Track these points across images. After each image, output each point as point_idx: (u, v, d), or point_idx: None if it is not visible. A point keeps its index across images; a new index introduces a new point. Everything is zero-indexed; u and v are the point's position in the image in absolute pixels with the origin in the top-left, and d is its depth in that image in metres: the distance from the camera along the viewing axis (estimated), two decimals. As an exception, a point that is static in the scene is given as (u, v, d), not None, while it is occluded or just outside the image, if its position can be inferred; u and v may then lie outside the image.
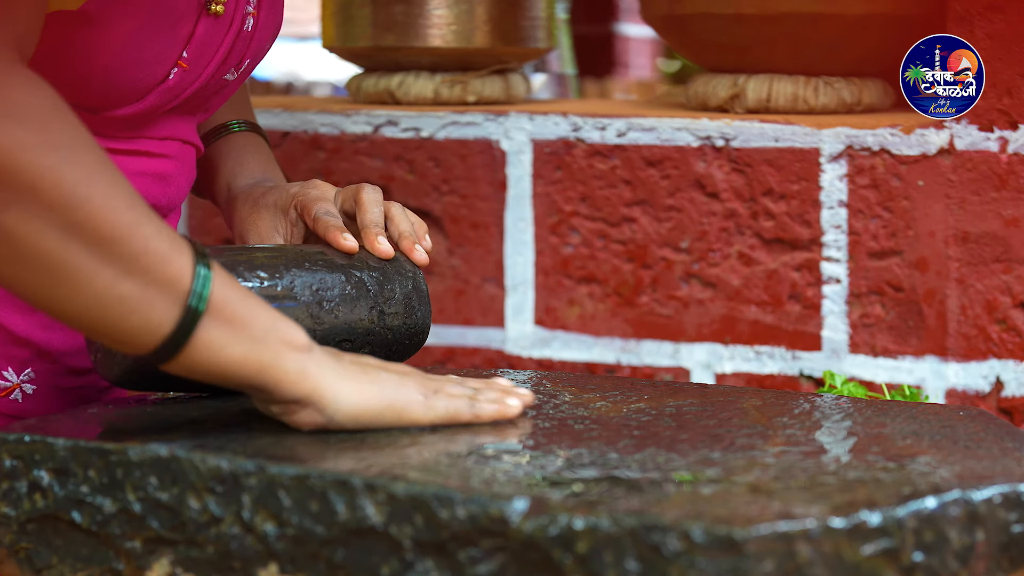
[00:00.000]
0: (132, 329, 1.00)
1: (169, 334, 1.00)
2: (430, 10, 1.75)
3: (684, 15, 1.69)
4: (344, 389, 1.06)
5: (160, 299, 1.00)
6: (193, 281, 1.00)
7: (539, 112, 1.71)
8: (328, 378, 1.05)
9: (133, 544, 1.01)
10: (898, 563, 0.89)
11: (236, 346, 1.02)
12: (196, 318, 1.01)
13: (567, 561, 0.89)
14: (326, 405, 1.05)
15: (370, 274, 1.23)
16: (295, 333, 1.05)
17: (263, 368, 1.03)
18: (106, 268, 0.98)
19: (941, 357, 1.57)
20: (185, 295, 1.00)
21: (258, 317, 1.04)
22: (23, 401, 1.22)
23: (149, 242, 0.99)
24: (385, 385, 1.08)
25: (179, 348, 1.01)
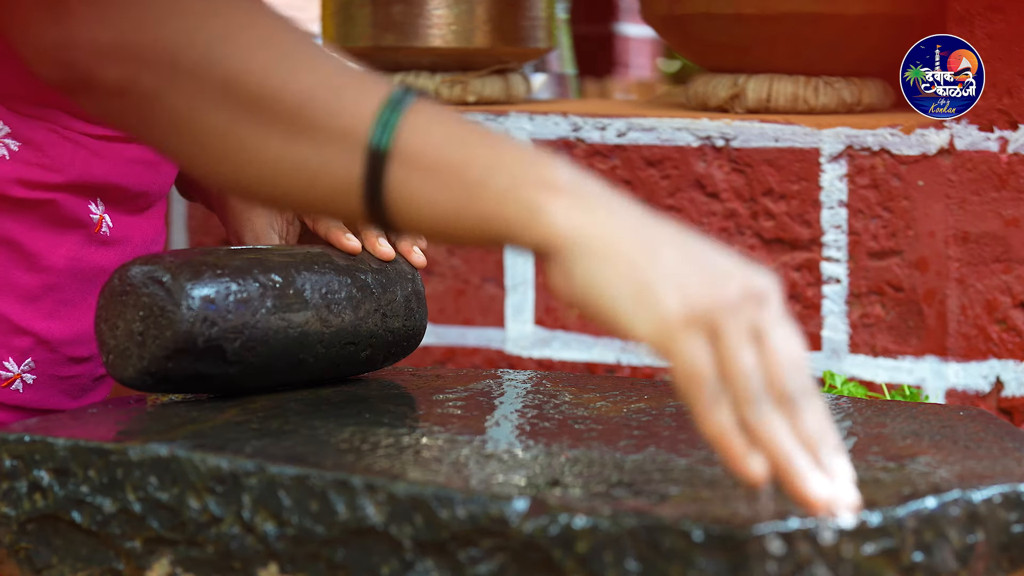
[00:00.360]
0: (325, 195, 0.89)
1: (362, 194, 0.88)
2: (430, 10, 1.75)
3: (684, 15, 1.69)
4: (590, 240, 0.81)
5: (337, 156, 0.88)
6: (373, 125, 0.87)
7: (539, 112, 1.71)
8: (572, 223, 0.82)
9: (133, 544, 1.01)
10: (898, 563, 0.89)
11: (445, 195, 0.86)
12: (379, 169, 0.87)
13: (567, 561, 0.89)
14: (562, 257, 0.82)
15: (374, 276, 1.23)
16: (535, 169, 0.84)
17: (485, 218, 0.85)
18: (270, 131, 0.89)
19: (941, 357, 1.57)
20: (363, 142, 0.87)
21: (475, 157, 0.86)
22: (23, 391, 1.22)
23: (313, 92, 0.88)
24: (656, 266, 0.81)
25: (380, 210, 0.87)
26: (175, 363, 1.12)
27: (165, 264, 1.12)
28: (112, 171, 1.22)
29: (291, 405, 1.15)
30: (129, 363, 1.13)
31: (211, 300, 1.12)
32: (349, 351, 1.21)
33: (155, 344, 1.11)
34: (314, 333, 1.18)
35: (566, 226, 0.82)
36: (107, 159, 1.21)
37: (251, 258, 1.17)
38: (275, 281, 1.16)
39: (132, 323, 1.12)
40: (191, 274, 1.12)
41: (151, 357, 1.12)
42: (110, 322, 1.13)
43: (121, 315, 1.13)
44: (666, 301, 0.80)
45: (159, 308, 1.11)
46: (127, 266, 1.13)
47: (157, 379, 1.13)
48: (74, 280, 1.22)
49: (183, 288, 1.11)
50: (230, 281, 1.14)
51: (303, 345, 1.18)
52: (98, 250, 1.23)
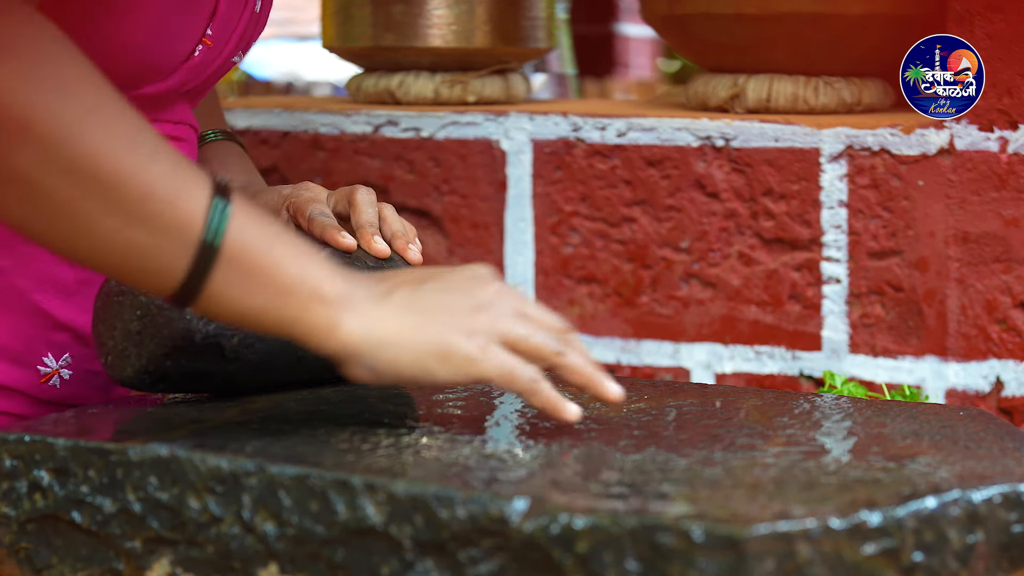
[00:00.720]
0: (146, 274, 0.97)
1: (182, 281, 0.96)
2: (430, 10, 1.75)
3: (684, 15, 1.69)
4: (377, 339, 0.99)
5: (169, 245, 0.95)
6: (205, 226, 0.95)
7: (539, 112, 1.71)
8: (359, 330, 0.99)
9: (133, 544, 1.01)
10: (898, 563, 0.89)
11: (255, 297, 0.97)
12: (207, 266, 0.96)
13: (567, 561, 0.89)
14: (362, 359, 0.99)
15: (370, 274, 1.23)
16: (327, 283, 0.98)
17: (290, 322, 0.98)
18: (110, 212, 0.94)
19: (941, 357, 1.57)
20: (196, 240, 0.95)
21: (285, 265, 0.98)
22: (60, 387, 1.22)
23: (155, 184, 0.94)
24: (433, 327, 0.99)
25: (193, 296, 0.97)
26: (173, 361, 1.12)
27: None
28: None
29: (291, 405, 1.15)
30: (127, 363, 1.13)
31: None
32: (349, 351, 1.21)
33: (153, 343, 1.11)
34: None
35: (358, 334, 0.99)
36: None
37: None
38: None
39: (130, 323, 1.12)
40: None
41: (149, 356, 1.12)
42: (108, 323, 1.13)
43: (119, 315, 1.13)
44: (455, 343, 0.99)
45: (156, 307, 1.11)
46: None
47: (156, 378, 1.13)
48: None
49: None
50: None
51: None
52: None
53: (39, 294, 1.20)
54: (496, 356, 1.01)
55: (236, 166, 1.39)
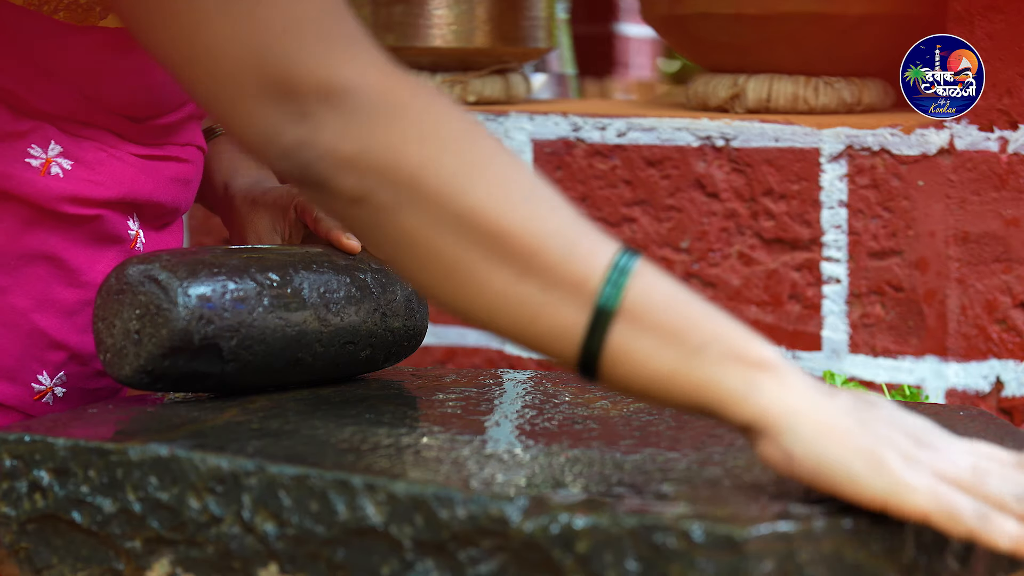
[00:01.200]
0: (541, 335, 0.92)
1: (581, 342, 0.91)
2: (430, 10, 1.75)
3: (684, 15, 1.69)
4: (805, 419, 0.87)
5: (563, 302, 0.91)
6: (604, 282, 0.90)
7: (539, 112, 1.71)
8: (784, 402, 0.88)
9: (133, 544, 1.01)
10: (898, 563, 0.89)
11: (662, 357, 0.89)
12: (604, 323, 0.90)
13: (567, 561, 0.89)
14: (779, 434, 0.87)
15: (373, 276, 1.23)
16: (751, 345, 0.89)
17: (700, 386, 0.89)
18: (500, 267, 0.91)
19: (941, 357, 1.57)
20: (593, 297, 0.90)
21: (697, 322, 0.90)
22: (53, 404, 1.23)
23: (549, 238, 0.91)
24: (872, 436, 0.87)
25: (595, 360, 0.90)
26: (171, 361, 1.12)
27: (161, 263, 1.12)
28: (155, 189, 1.24)
29: (291, 405, 1.15)
30: (126, 361, 1.13)
31: (207, 298, 1.12)
32: (348, 351, 1.21)
33: (151, 342, 1.11)
34: (312, 332, 1.18)
35: (783, 406, 0.88)
36: (151, 177, 1.23)
37: (248, 257, 1.17)
38: (272, 280, 1.16)
39: (129, 322, 1.12)
40: (187, 272, 1.12)
41: (148, 355, 1.12)
42: (107, 321, 1.14)
43: (118, 314, 1.13)
44: (890, 461, 0.86)
45: (155, 307, 1.11)
46: (124, 265, 1.13)
47: (154, 377, 1.13)
48: None
49: (179, 286, 1.11)
50: (227, 280, 1.14)
51: (301, 344, 1.18)
52: None
53: (37, 314, 1.20)
54: (935, 486, 0.86)
55: (246, 161, 1.39)
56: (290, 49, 0.94)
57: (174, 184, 1.26)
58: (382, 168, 0.93)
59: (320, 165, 0.94)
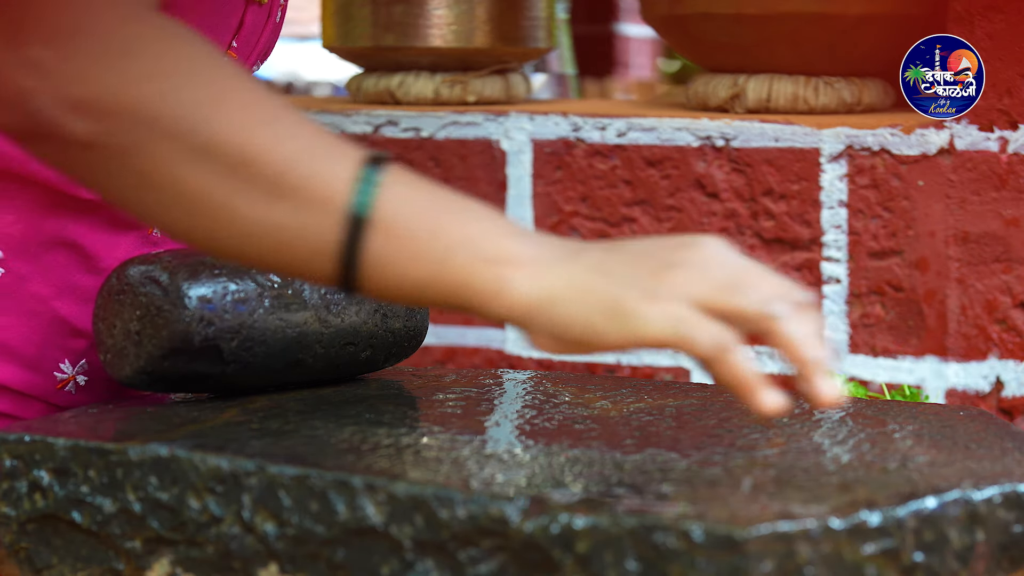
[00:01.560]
0: (300, 260, 0.91)
1: (336, 260, 0.90)
2: (430, 10, 1.75)
3: (684, 15, 1.69)
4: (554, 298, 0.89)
5: (315, 221, 0.89)
6: (351, 196, 0.89)
7: (539, 112, 1.71)
8: (532, 290, 0.89)
9: (133, 544, 1.01)
10: (898, 563, 0.89)
11: (418, 266, 0.90)
12: (357, 235, 0.89)
13: (567, 561, 0.89)
14: (535, 321, 0.89)
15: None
16: (500, 244, 0.90)
17: (455, 289, 0.90)
18: (249, 194, 0.90)
19: (941, 357, 1.57)
20: (343, 211, 0.89)
21: (446, 227, 0.90)
22: (76, 393, 1.22)
23: (295, 158, 0.89)
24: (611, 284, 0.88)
25: (353, 275, 0.90)
26: (171, 362, 1.12)
27: (162, 264, 1.12)
28: None
29: (291, 405, 1.15)
30: (126, 362, 1.13)
31: (208, 300, 1.12)
32: (349, 352, 1.21)
33: (152, 343, 1.12)
34: (313, 333, 1.18)
35: (531, 295, 0.89)
36: None
37: None
38: (273, 281, 1.16)
39: (129, 322, 1.12)
40: (188, 274, 1.12)
41: (148, 356, 1.12)
42: (107, 321, 1.14)
43: (118, 314, 1.13)
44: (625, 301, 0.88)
45: (156, 308, 1.11)
46: (125, 265, 1.13)
47: (154, 378, 1.13)
48: None
49: (180, 288, 1.11)
50: (227, 281, 1.14)
51: (301, 345, 1.18)
52: (149, 251, 1.24)
53: (58, 301, 1.20)
54: (672, 312, 0.87)
55: None
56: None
57: None
58: (119, 109, 0.89)
59: (49, 112, 0.90)
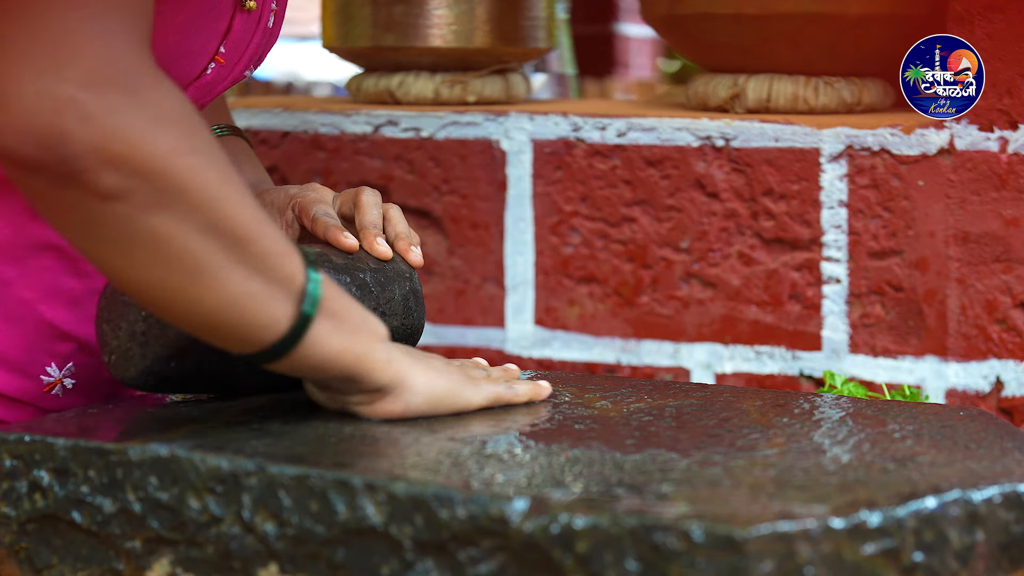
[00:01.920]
0: (255, 326, 1.04)
1: (287, 329, 1.04)
2: (430, 10, 1.75)
3: (684, 15, 1.69)
4: (419, 376, 1.12)
5: (280, 296, 1.04)
6: (306, 279, 1.05)
7: (539, 112, 1.71)
8: (407, 365, 1.12)
9: (133, 544, 1.01)
10: (898, 563, 0.89)
11: (338, 338, 1.07)
12: (311, 313, 1.05)
13: (567, 561, 0.89)
14: (406, 390, 1.11)
15: (372, 275, 1.23)
16: (378, 326, 1.11)
17: (358, 357, 1.08)
18: (239, 266, 1.01)
19: (941, 357, 1.57)
20: (300, 292, 1.05)
21: (352, 311, 1.09)
22: (63, 396, 1.22)
23: (274, 242, 1.04)
24: (443, 372, 1.15)
25: (295, 342, 1.05)
26: (177, 363, 1.12)
27: None
28: None
29: (291, 405, 1.15)
30: (131, 363, 1.13)
31: None
32: (349, 351, 1.21)
33: (158, 344, 1.11)
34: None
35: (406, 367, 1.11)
36: None
37: None
38: None
39: (135, 323, 1.12)
40: None
41: (154, 357, 1.12)
42: (112, 322, 1.13)
43: (124, 315, 1.13)
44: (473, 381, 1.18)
45: None
46: None
47: (159, 379, 1.13)
48: None
49: None
50: None
51: None
52: None
53: (44, 305, 1.20)
54: (486, 387, 1.18)
55: (245, 164, 1.39)
56: None
57: None
58: (154, 173, 0.97)
59: (84, 161, 0.95)
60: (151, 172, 0.97)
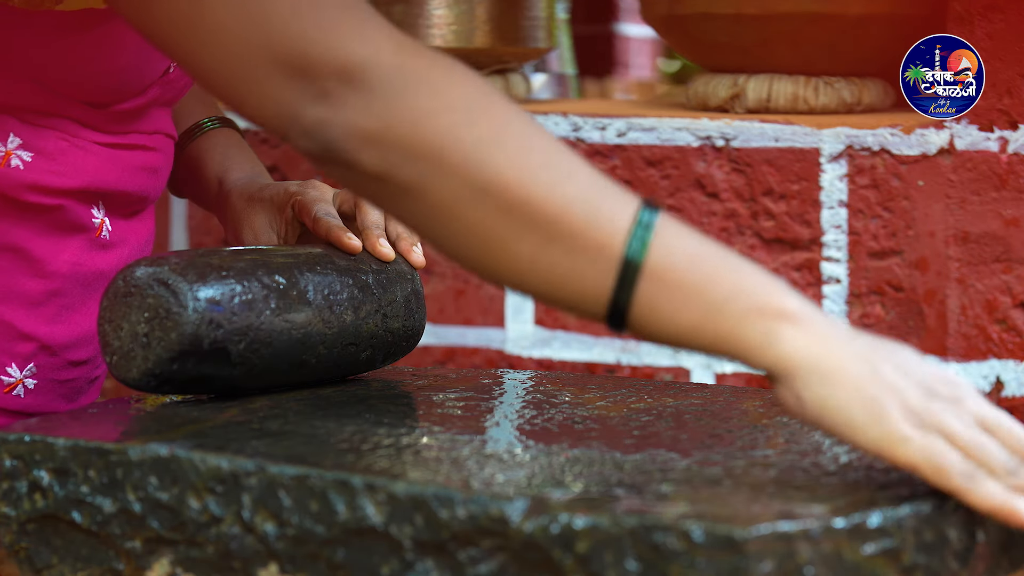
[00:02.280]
0: (571, 297, 0.95)
1: (608, 303, 0.94)
2: (430, 10, 1.75)
3: (684, 15, 1.69)
4: (818, 365, 0.91)
5: (590, 266, 0.93)
6: (626, 244, 0.93)
7: (539, 112, 1.71)
8: (800, 350, 0.91)
9: (133, 544, 1.01)
10: (898, 563, 0.89)
11: (686, 312, 0.93)
12: (630, 284, 0.92)
13: (567, 561, 0.89)
14: (793, 380, 0.91)
15: (374, 276, 1.23)
16: (771, 297, 0.92)
17: (723, 338, 0.92)
18: (526, 235, 0.94)
19: (941, 357, 1.57)
20: (617, 260, 0.93)
21: (718, 279, 0.93)
22: (24, 396, 1.22)
23: (570, 205, 0.93)
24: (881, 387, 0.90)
25: (623, 317, 0.94)
26: (180, 365, 1.12)
27: (170, 265, 1.12)
28: (120, 178, 1.23)
29: (291, 405, 1.15)
30: (133, 364, 1.13)
31: (216, 302, 1.12)
32: (350, 352, 1.21)
33: (160, 346, 1.11)
34: (316, 334, 1.18)
35: (798, 353, 0.91)
36: (116, 166, 1.22)
37: (255, 259, 1.17)
38: (279, 282, 1.16)
39: (137, 325, 1.12)
40: (196, 276, 1.12)
41: (156, 359, 1.12)
42: (114, 323, 1.13)
43: (126, 316, 1.13)
44: (890, 412, 0.90)
45: (165, 310, 1.11)
46: (132, 267, 1.13)
47: (161, 380, 1.13)
48: (76, 285, 1.23)
49: (189, 290, 1.11)
50: (235, 283, 1.13)
51: (306, 346, 1.18)
52: (98, 254, 1.23)
53: (2, 306, 1.19)
54: (931, 443, 0.90)
55: (239, 156, 1.38)
56: (301, 29, 0.95)
57: (141, 173, 1.24)
58: (404, 143, 0.94)
59: (342, 144, 0.95)
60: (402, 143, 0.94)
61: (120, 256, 1.25)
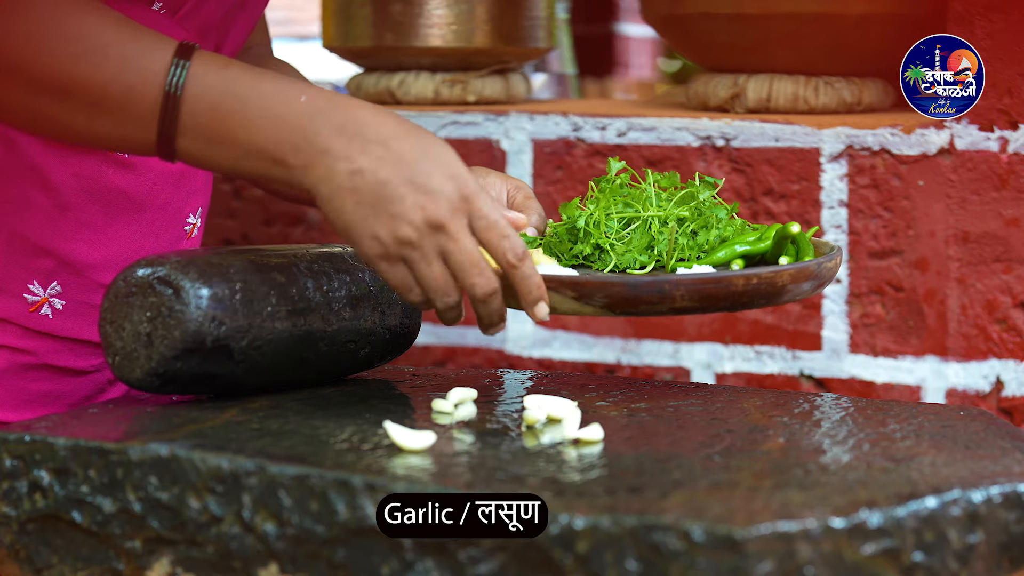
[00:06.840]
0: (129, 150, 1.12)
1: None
2: (430, 10, 1.75)
3: (684, 15, 1.69)
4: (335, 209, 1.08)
5: (136, 131, 1.08)
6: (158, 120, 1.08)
7: (539, 112, 1.71)
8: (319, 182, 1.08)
9: (133, 544, 1.01)
10: (898, 563, 0.89)
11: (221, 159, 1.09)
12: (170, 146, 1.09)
13: (567, 561, 0.89)
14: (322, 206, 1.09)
15: (372, 275, 1.24)
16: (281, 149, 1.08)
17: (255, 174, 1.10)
18: (78, 115, 1.08)
19: (941, 357, 1.57)
20: (152, 130, 1.09)
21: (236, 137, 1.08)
22: (53, 317, 1.22)
23: (108, 85, 1.08)
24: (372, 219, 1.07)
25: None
26: (183, 363, 1.12)
27: (172, 264, 1.12)
28: None
29: (291, 405, 1.15)
30: (136, 364, 1.13)
31: (219, 299, 1.12)
32: (349, 349, 1.22)
33: (163, 344, 1.11)
34: (316, 331, 1.18)
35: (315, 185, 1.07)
36: None
37: (255, 258, 1.17)
38: (279, 280, 1.16)
39: (139, 324, 1.12)
40: (198, 274, 1.12)
41: (159, 358, 1.12)
42: (116, 324, 1.13)
43: (127, 316, 1.13)
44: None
45: (167, 308, 1.11)
46: (132, 267, 1.13)
47: (165, 379, 1.13)
48: (91, 201, 1.22)
49: (191, 288, 1.11)
50: (237, 280, 1.14)
51: (306, 343, 1.18)
52: (116, 172, 1.23)
53: (12, 216, 1.19)
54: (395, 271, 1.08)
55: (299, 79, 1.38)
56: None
57: None
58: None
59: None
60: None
61: (146, 181, 1.25)
